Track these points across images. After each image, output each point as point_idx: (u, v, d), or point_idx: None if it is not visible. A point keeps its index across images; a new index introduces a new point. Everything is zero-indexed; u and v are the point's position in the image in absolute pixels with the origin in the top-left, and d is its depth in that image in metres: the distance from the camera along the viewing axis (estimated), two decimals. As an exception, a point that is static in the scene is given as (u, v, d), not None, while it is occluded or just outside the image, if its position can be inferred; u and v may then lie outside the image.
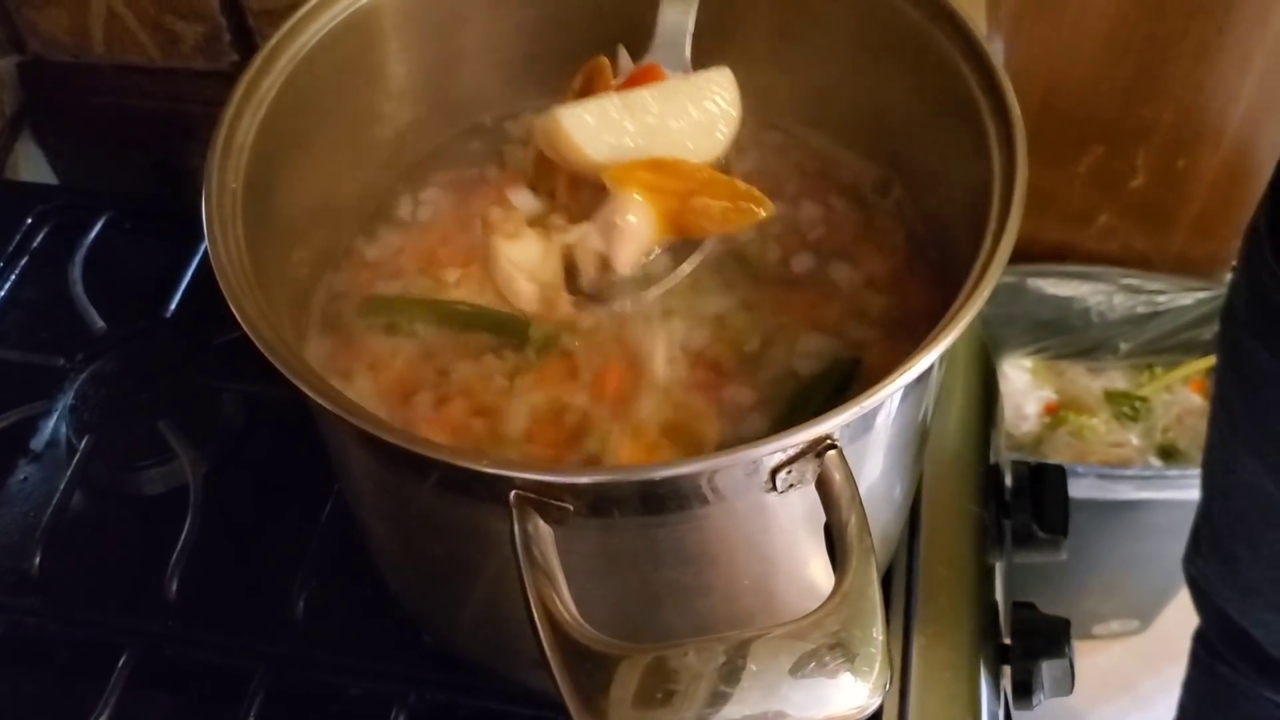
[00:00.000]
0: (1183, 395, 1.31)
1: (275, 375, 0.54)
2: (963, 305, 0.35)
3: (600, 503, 0.34)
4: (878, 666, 0.29)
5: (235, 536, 0.55)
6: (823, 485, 0.33)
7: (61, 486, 0.54)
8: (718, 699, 0.29)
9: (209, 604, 0.52)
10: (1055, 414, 1.32)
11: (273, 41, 0.43)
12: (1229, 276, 1.27)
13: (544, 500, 0.33)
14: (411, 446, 0.32)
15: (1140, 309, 1.30)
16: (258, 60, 0.43)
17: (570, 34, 0.49)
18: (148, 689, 0.50)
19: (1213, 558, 0.89)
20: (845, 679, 0.29)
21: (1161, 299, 1.30)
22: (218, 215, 0.38)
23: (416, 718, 0.48)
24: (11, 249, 0.65)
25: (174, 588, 0.52)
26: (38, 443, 0.57)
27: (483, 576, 0.40)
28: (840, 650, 0.29)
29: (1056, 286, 1.30)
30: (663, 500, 0.34)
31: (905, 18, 0.45)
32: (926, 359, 0.33)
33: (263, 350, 0.35)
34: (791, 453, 0.33)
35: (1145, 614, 1.44)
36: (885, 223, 0.48)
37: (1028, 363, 1.34)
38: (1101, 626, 1.44)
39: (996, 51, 0.58)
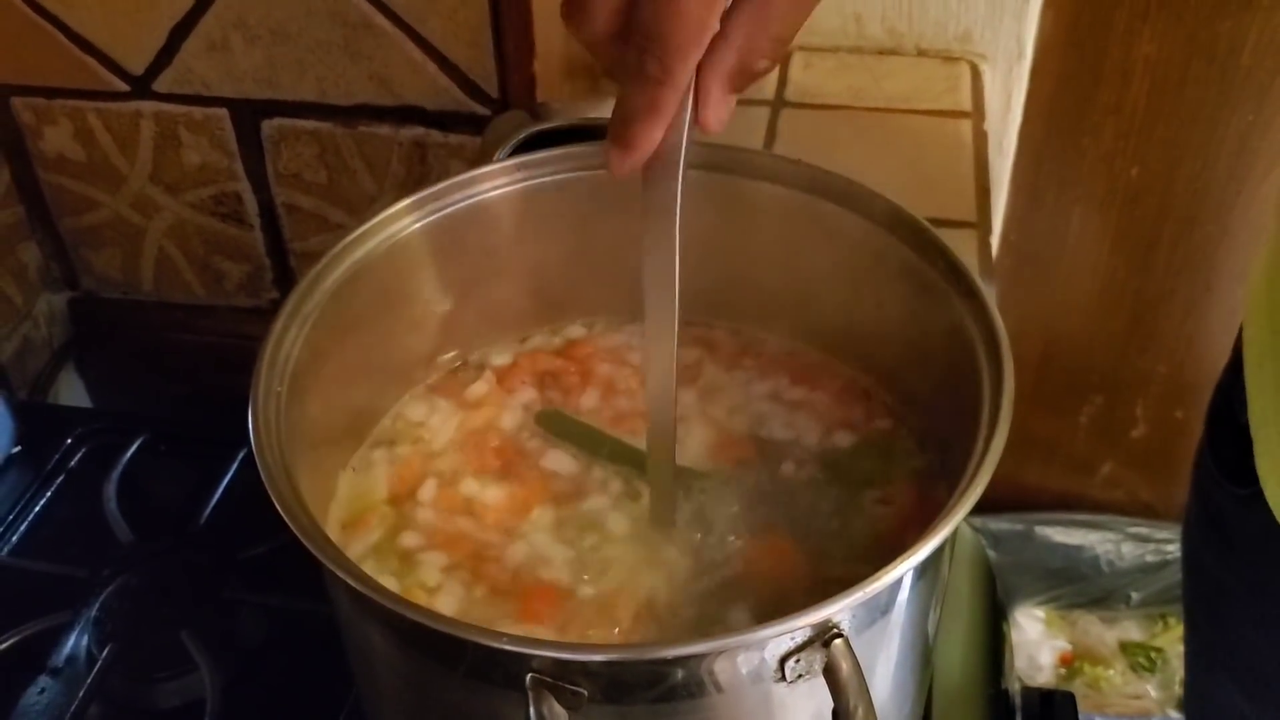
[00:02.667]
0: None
1: (299, 587, 0.56)
2: (962, 493, 0.37)
3: (613, 688, 0.35)
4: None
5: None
6: (830, 674, 0.34)
7: (79, 697, 0.55)
8: None
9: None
10: (1070, 665, 1.30)
11: (318, 267, 0.47)
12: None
13: (559, 685, 0.34)
14: (431, 624, 0.34)
15: (1149, 558, 1.31)
16: (303, 284, 0.46)
17: (595, 261, 0.54)
18: None
19: None
20: None
21: (1170, 548, 1.30)
22: (262, 415, 0.41)
23: None
24: (49, 468, 0.68)
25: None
26: (59, 654, 0.58)
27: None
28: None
29: (1065, 535, 1.31)
30: (674, 689, 0.35)
31: (903, 254, 0.49)
32: (928, 546, 0.35)
33: (294, 529, 0.37)
34: (800, 640, 0.34)
35: None
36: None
37: (1040, 613, 1.33)
38: None
39: (990, 293, 0.62)
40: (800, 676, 0.35)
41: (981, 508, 1.21)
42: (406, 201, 0.49)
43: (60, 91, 0.71)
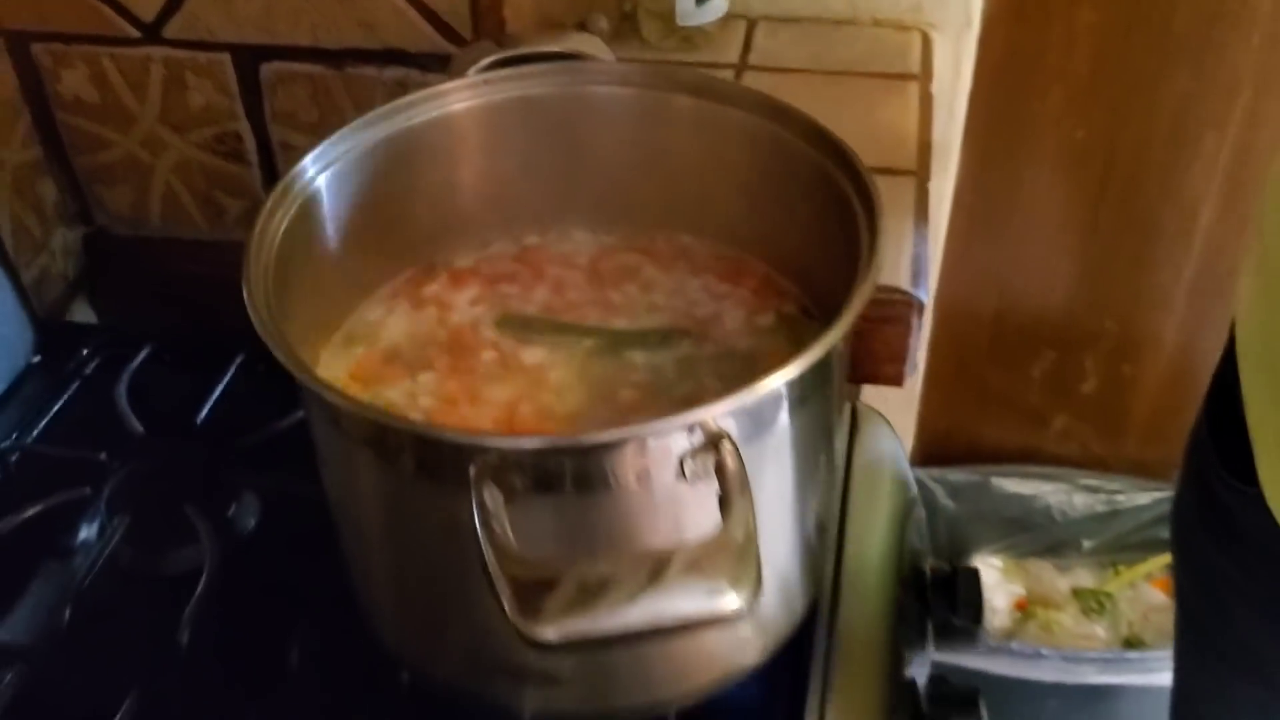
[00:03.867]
0: (1146, 591, 1.36)
1: (289, 472, 0.63)
2: (837, 322, 0.44)
3: (541, 479, 0.42)
4: (750, 584, 0.37)
5: (243, 600, 0.62)
6: (719, 471, 0.42)
7: (95, 561, 0.63)
8: (629, 600, 0.37)
9: (213, 656, 0.59)
10: (1025, 609, 1.37)
11: (295, 169, 0.54)
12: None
13: (497, 476, 0.41)
14: (382, 419, 0.41)
15: (1100, 508, 1.38)
16: (280, 185, 0.53)
17: (550, 175, 0.61)
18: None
19: None
20: (725, 588, 0.37)
21: (1120, 498, 1.37)
22: (257, 269, 0.48)
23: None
24: (66, 374, 0.76)
25: (185, 640, 0.59)
26: (80, 522, 0.65)
27: (449, 576, 0.47)
28: (723, 570, 0.37)
29: (1019, 485, 1.38)
30: (592, 479, 0.42)
31: (814, 159, 0.56)
32: (799, 363, 0.42)
33: (267, 341, 0.44)
34: (695, 443, 0.42)
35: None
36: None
37: (997, 561, 1.40)
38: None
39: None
40: (698, 476, 0.42)
41: (940, 460, 1.29)
42: (376, 112, 0.57)
43: (77, 37, 0.78)
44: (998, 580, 1.38)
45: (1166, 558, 1.36)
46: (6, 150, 0.80)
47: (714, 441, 0.42)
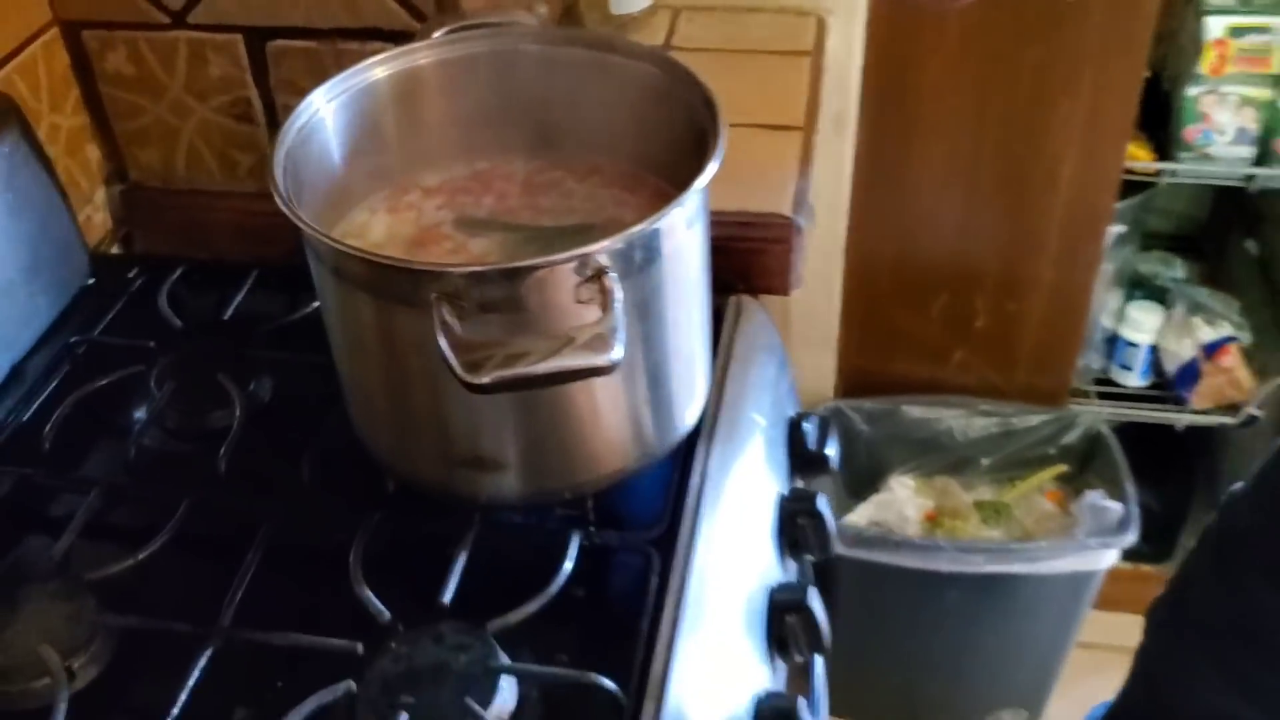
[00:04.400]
0: (1037, 501, 1.57)
1: (301, 350, 0.82)
2: (690, 187, 0.64)
3: (484, 302, 0.62)
4: (615, 346, 0.57)
5: (265, 442, 0.82)
6: (602, 297, 0.61)
7: (149, 419, 0.82)
8: (541, 359, 0.57)
9: (243, 477, 0.79)
10: (934, 520, 1.57)
11: (301, 106, 0.74)
12: (1068, 403, 1.56)
13: (451, 297, 0.61)
14: (363, 254, 0.61)
15: (996, 430, 1.58)
16: (303, 102, 0.73)
17: (500, 114, 0.81)
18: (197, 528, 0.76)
19: None
20: (603, 352, 0.57)
21: (1014, 421, 1.58)
22: (277, 159, 0.68)
23: (379, 535, 0.74)
24: (116, 289, 0.95)
25: (222, 468, 0.79)
26: (137, 392, 0.85)
27: (421, 387, 0.67)
28: (601, 343, 0.57)
29: (925, 412, 1.58)
30: (519, 301, 0.62)
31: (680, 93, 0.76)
32: (658, 217, 0.62)
33: (282, 205, 0.63)
34: (586, 274, 0.61)
35: (1031, 703, 1.64)
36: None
37: (910, 480, 1.60)
38: (992, 717, 1.64)
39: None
40: (590, 300, 0.62)
41: (857, 391, 1.51)
42: (364, 64, 0.77)
43: (119, 24, 0.98)
44: (909, 495, 1.58)
45: (1055, 470, 1.56)
46: (60, 116, 1.00)
47: (599, 273, 0.62)
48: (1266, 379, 1.56)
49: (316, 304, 0.74)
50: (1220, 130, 1.35)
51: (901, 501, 1.56)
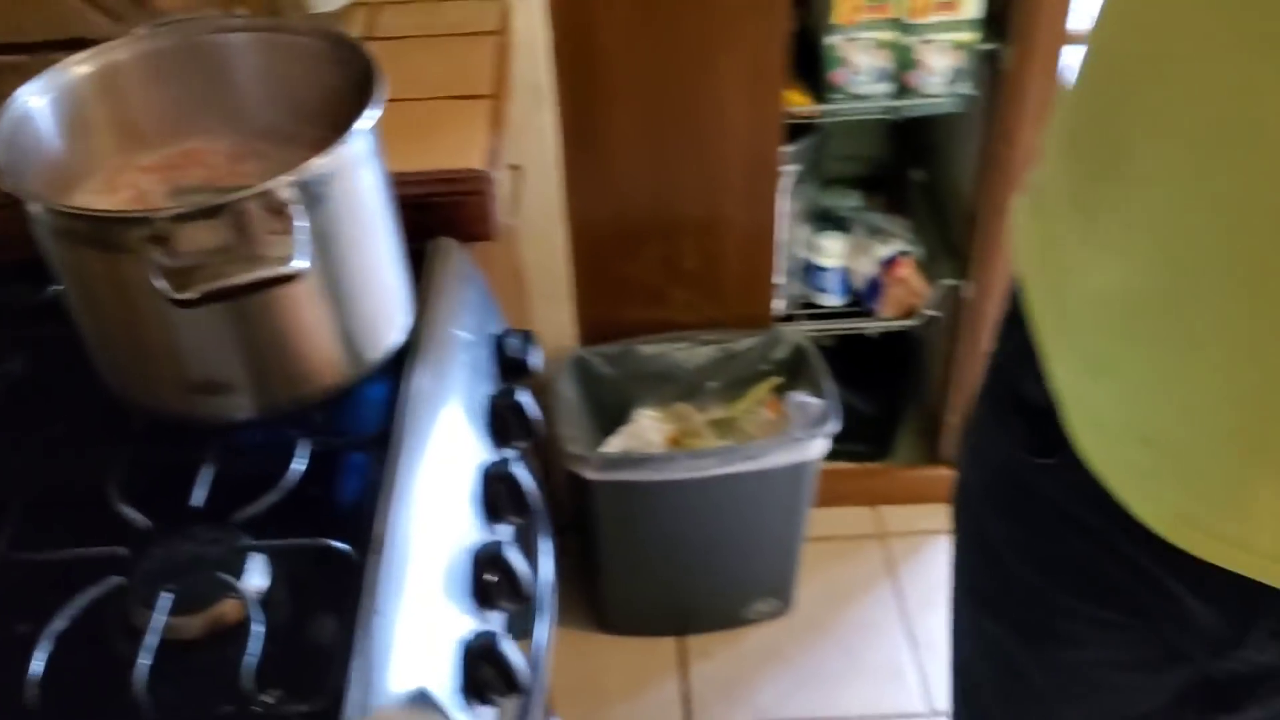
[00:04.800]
0: (761, 413, 1.77)
1: (44, 329, 0.93)
2: (348, 132, 0.79)
3: (183, 235, 0.75)
4: (297, 258, 0.71)
5: (24, 397, 0.92)
6: (286, 223, 0.75)
7: None
8: (237, 274, 0.70)
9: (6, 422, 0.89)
10: (676, 442, 1.76)
11: (25, 86, 0.85)
12: (775, 325, 1.77)
13: (161, 240, 0.74)
14: (81, 211, 0.73)
15: (718, 355, 1.78)
16: (12, 96, 0.84)
17: (203, 100, 0.94)
18: None
19: None
20: (290, 262, 0.71)
21: (731, 346, 1.78)
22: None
23: (136, 463, 0.86)
24: None
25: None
26: None
27: (147, 323, 0.80)
28: (287, 254, 0.71)
29: (656, 349, 1.77)
30: (215, 232, 0.75)
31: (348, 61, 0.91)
32: (335, 146, 0.77)
33: (8, 181, 0.75)
34: (274, 206, 0.75)
35: (781, 593, 1.84)
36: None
37: (651, 411, 1.78)
38: (750, 609, 1.84)
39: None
40: (281, 231, 0.76)
41: (596, 338, 1.69)
42: (67, 60, 0.88)
43: None
44: (652, 424, 1.76)
45: (770, 383, 1.77)
46: None
47: (281, 207, 0.76)
48: (937, 284, 1.82)
49: (56, 288, 0.85)
50: (861, 71, 1.58)
51: (646, 430, 1.74)
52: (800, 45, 1.59)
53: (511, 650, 0.79)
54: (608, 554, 1.74)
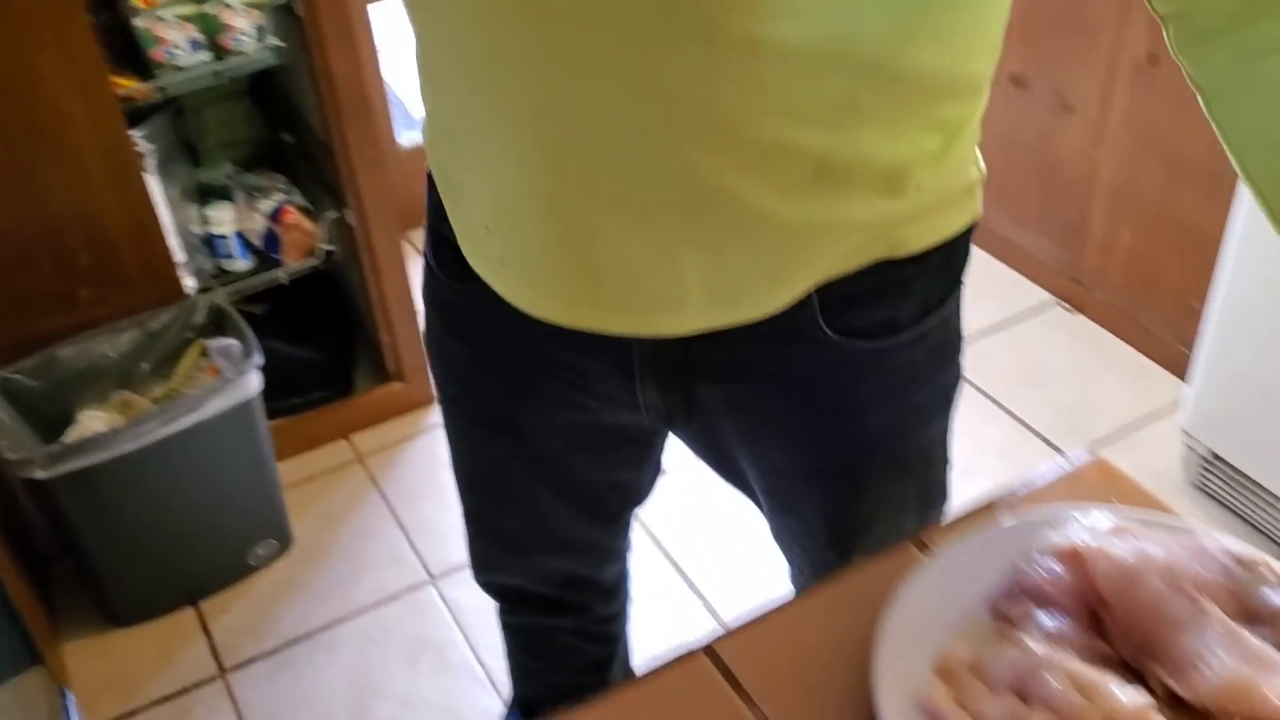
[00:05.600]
0: (203, 378, 1.89)
1: None
2: None
3: None
4: None
5: None
6: None
7: None
8: None
9: None
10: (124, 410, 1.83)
11: None
12: (188, 297, 1.89)
13: None
14: None
15: (141, 338, 1.88)
16: None
17: None
18: None
19: None
20: None
21: (150, 325, 1.88)
22: None
23: None
24: None
25: None
26: None
27: None
28: None
29: (74, 349, 1.84)
30: None
31: None
32: None
33: None
34: None
35: (276, 533, 1.99)
36: None
37: (95, 410, 1.85)
38: (252, 556, 1.97)
39: None
40: None
41: (10, 358, 1.72)
42: None
43: None
44: (98, 420, 1.83)
45: (196, 347, 1.90)
46: None
47: None
48: (324, 220, 2.03)
49: None
50: (177, 45, 1.74)
51: (94, 426, 1.81)
52: (122, 33, 1.72)
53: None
54: (93, 551, 1.80)
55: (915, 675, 0.67)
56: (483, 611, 1.84)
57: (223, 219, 1.98)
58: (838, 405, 0.90)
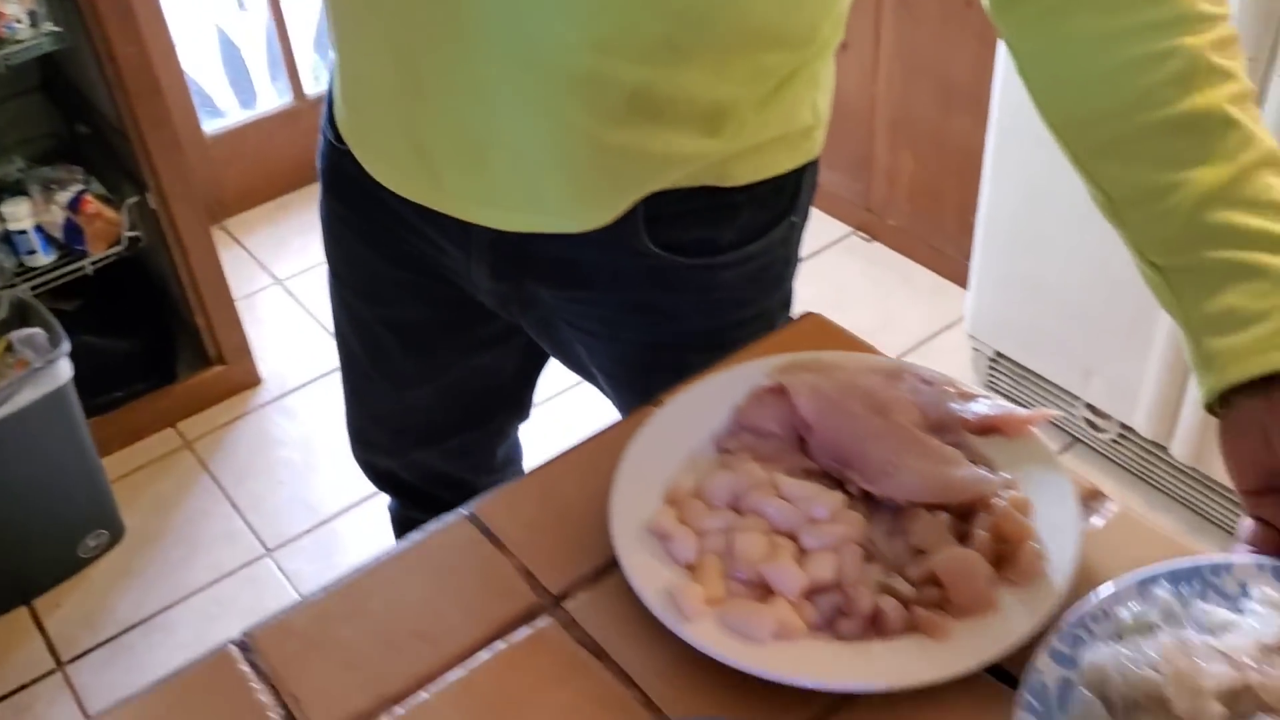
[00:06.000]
0: (9, 374, 1.87)
1: None
2: None
3: None
4: None
5: None
6: None
7: None
8: None
9: None
10: None
11: None
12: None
13: None
14: None
15: None
16: None
17: None
18: None
19: None
20: None
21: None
22: None
23: None
24: None
25: None
26: None
27: None
28: None
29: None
30: None
31: None
32: None
33: None
34: None
35: (106, 524, 1.98)
36: None
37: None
38: (83, 548, 1.96)
39: None
40: None
41: None
42: None
43: None
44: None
45: (2, 343, 1.88)
46: None
47: None
48: (126, 206, 2.02)
49: None
50: (18, 19, 1.73)
51: None
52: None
53: None
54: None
55: (649, 507, 0.75)
56: (323, 578, 1.87)
57: (19, 214, 1.95)
58: (662, 313, 0.95)
